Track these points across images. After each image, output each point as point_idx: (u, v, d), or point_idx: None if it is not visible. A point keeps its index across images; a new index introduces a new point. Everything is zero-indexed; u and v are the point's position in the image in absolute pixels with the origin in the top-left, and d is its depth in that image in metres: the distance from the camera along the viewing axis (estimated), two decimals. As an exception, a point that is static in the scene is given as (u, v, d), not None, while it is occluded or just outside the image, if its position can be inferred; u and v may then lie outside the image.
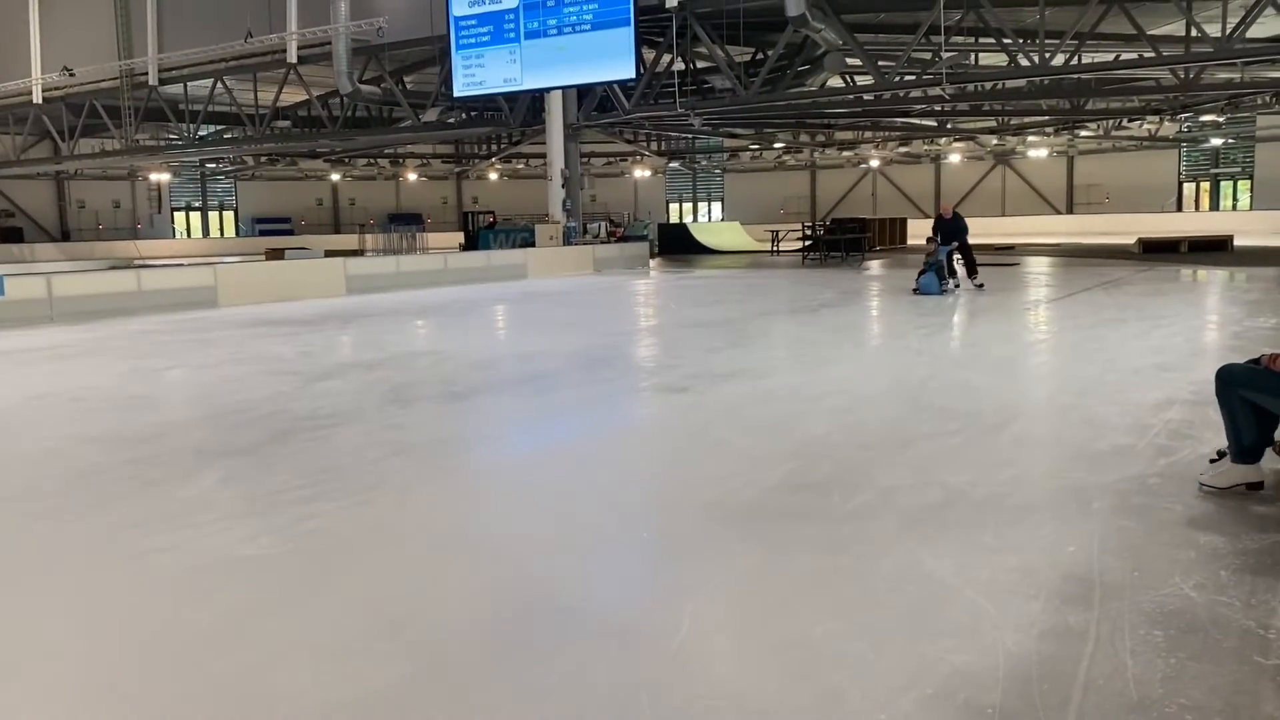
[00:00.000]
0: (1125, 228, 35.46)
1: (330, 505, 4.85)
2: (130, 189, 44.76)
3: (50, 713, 2.87)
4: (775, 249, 32.57)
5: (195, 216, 49.32)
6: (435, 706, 2.81)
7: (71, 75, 30.50)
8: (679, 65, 24.67)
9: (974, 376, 8.64)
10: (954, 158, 45.43)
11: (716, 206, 53.05)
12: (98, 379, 9.27)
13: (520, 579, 3.81)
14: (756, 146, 43.66)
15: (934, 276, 15.30)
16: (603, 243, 29.14)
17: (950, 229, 16.28)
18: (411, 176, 49.78)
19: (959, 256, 16.75)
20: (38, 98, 31.56)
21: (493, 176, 49.42)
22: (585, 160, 35.84)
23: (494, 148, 42.23)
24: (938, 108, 30.53)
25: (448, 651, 3.16)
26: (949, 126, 36.29)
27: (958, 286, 16.21)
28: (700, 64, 26.45)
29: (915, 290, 15.39)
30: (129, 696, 2.92)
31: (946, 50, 21.21)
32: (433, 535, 4.42)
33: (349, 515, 4.70)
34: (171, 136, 34.58)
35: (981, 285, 16.16)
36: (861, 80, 25.34)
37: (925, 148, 43.33)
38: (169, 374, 9.83)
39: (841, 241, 27.93)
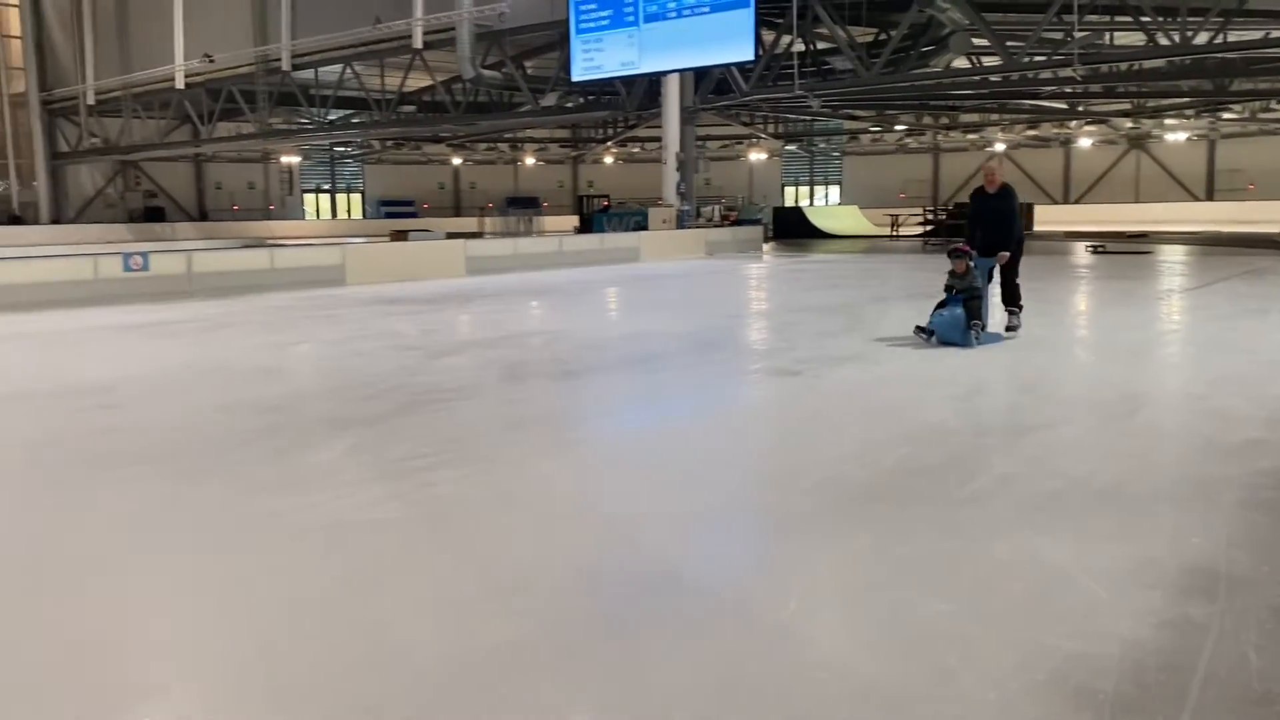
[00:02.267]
0: (1271, 216, 33.57)
1: (451, 473, 5.03)
2: (264, 171, 46.62)
3: (189, 662, 3.08)
4: (894, 233, 31.96)
5: (324, 198, 51.09)
6: (546, 667, 2.92)
7: (211, 61, 31.93)
8: (799, 46, 24.38)
9: (1099, 365, 8.36)
10: (1084, 142, 43.69)
11: (834, 190, 52.28)
12: (233, 351, 9.75)
13: (630, 550, 3.90)
14: (877, 129, 42.87)
15: (959, 313, 8.62)
16: (716, 226, 29.08)
17: (994, 218, 9.19)
18: (529, 160, 50.54)
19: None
20: (180, 83, 33.12)
21: (608, 160, 49.77)
22: (700, 143, 35.80)
23: (610, 131, 42.52)
24: (1069, 89, 29.42)
25: (559, 616, 3.27)
26: (1080, 109, 34.91)
27: (1009, 330, 9.36)
28: (820, 45, 26.08)
29: (920, 331, 8.86)
30: (263, 647, 3.11)
31: (1080, 29, 20.41)
32: (547, 505, 4.55)
33: (469, 483, 4.87)
34: (303, 120, 35.88)
35: (1015, 328, 9.37)
36: (988, 61, 24.63)
37: (1054, 131, 41.80)
38: (299, 348, 10.28)
39: (965, 226, 27.18)
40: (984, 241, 9.08)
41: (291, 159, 45.50)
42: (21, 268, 14.62)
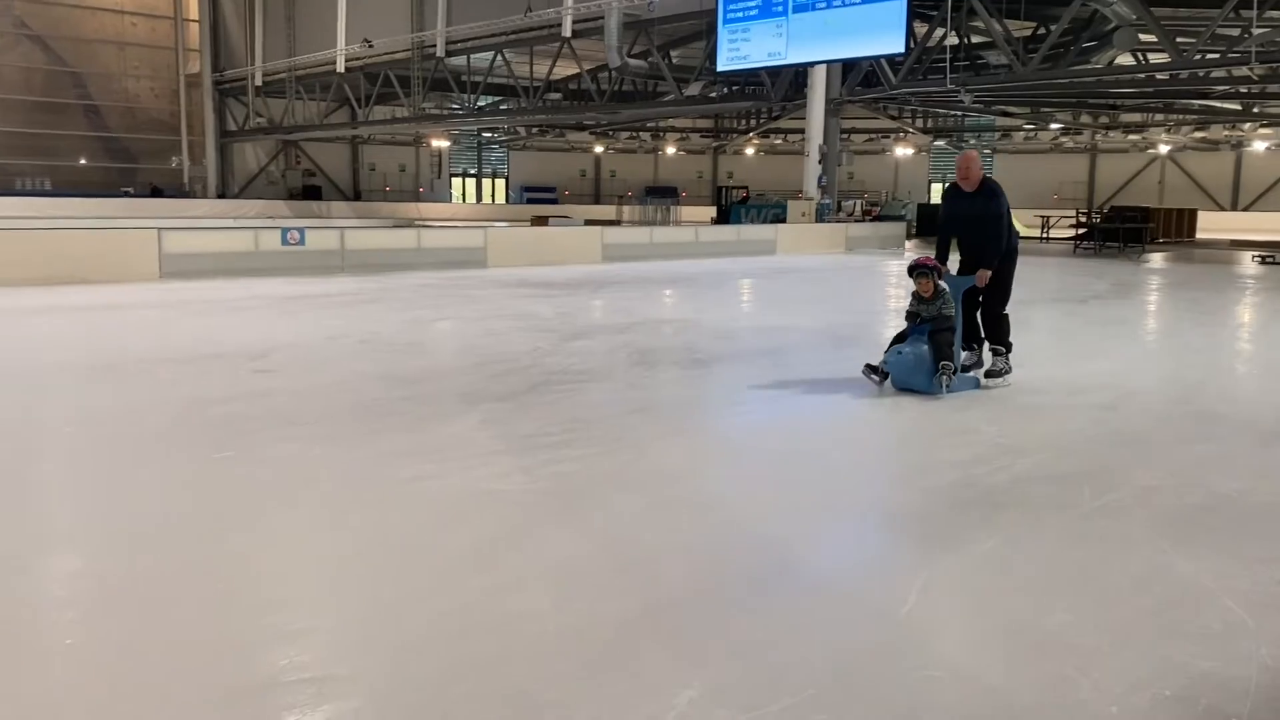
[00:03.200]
0: None
1: (577, 452, 5.14)
2: (415, 154, 48.21)
3: (322, 611, 3.26)
4: (1044, 235, 30.80)
5: (470, 183, 52.50)
6: (657, 643, 2.97)
7: (370, 46, 33.18)
8: (952, 39, 23.72)
9: (1261, 380, 7.90)
10: (1259, 145, 41.07)
11: (982, 189, 50.58)
12: (380, 324, 10.16)
13: (748, 537, 3.92)
14: (1031, 126, 41.32)
15: (923, 350, 6.66)
16: (856, 221, 28.61)
17: (973, 225, 6.86)
18: (670, 150, 50.73)
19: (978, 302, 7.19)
20: (340, 67, 34.52)
21: (749, 151, 49.51)
22: (845, 136, 35.22)
23: (753, 122, 42.28)
24: (1243, 89, 27.71)
25: (674, 595, 3.31)
26: (1255, 110, 32.85)
27: (977, 366, 7.12)
28: (975, 39, 25.30)
29: (870, 371, 6.84)
30: (390, 602, 3.26)
31: (1259, 25, 19.19)
32: (666, 488, 4.60)
33: (593, 462, 4.97)
34: (454, 106, 36.92)
35: (1000, 374, 7.04)
36: (1155, 58, 23.42)
37: (1225, 133, 39.45)
38: (441, 324, 10.64)
39: (1120, 231, 26.02)
40: (961, 255, 7.04)
41: (441, 143, 46.90)
42: (191, 238, 15.56)
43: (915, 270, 6.87)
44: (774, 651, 2.90)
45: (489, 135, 48.30)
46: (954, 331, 6.76)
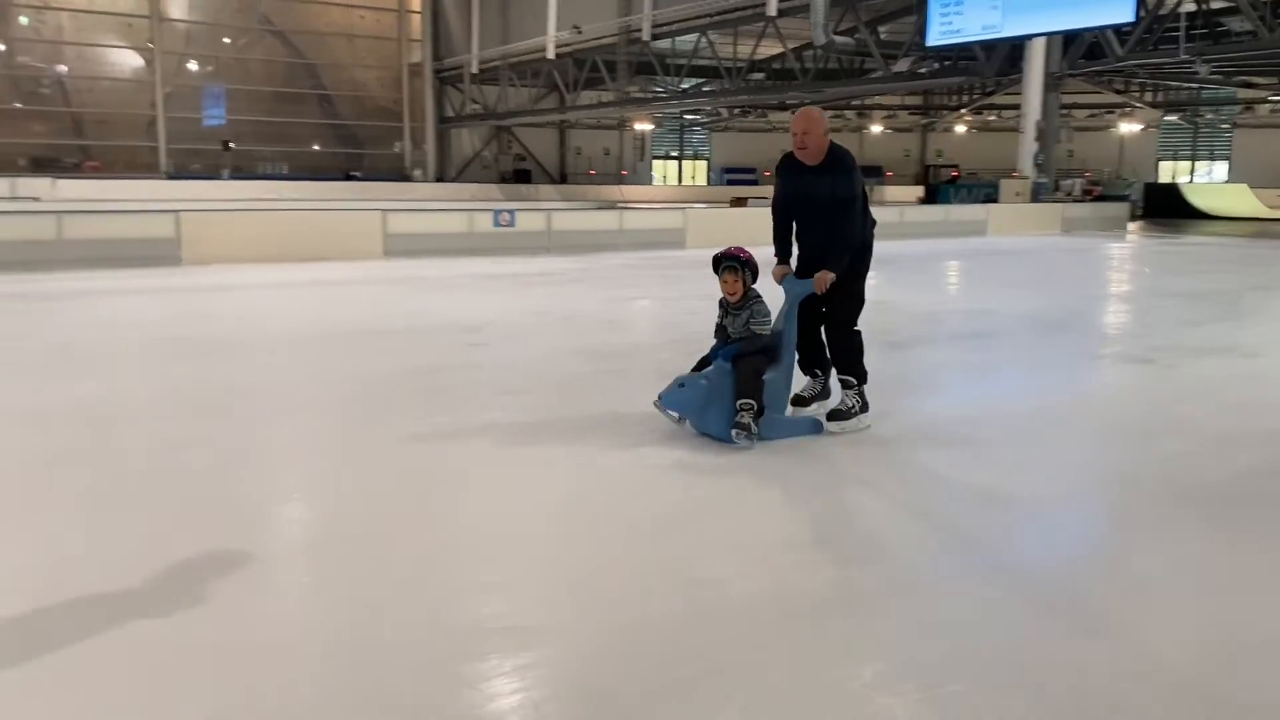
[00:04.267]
0: None
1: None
2: (619, 138, 49.13)
3: (519, 568, 3.47)
4: (1290, 218, 28.20)
5: (672, 165, 53.05)
6: (836, 616, 3.00)
7: (579, 32, 34.03)
8: (1188, 6, 22.01)
9: None
10: None
11: (1220, 166, 46.81)
12: (584, 302, 10.52)
13: (947, 529, 3.85)
14: (1278, 98, 37.76)
15: (712, 379, 4.85)
16: (1076, 201, 27.06)
17: (815, 210, 4.99)
18: (875, 129, 49.48)
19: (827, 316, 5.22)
20: (551, 54, 35.58)
21: (959, 129, 47.63)
22: (1064, 112, 33.33)
23: (964, 99, 40.65)
24: None
25: (862, 576, 3.32)
26: None
27: (821, 399, 5.42)
28: (1214, 3, 23.37)
29: (663, 407, 4.92)
30: (584, 565, 3.44)
31: None
32: (856, 468, 4.58)
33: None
34: (657, 89, 37.40)
35: (847, 415, 5.08)
36: None
37: None
38: (640, 303, 10.90)
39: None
40: (800, 251, 5.15)
41: (645, 126, 47.59)
42: (412, 220, 16.54)
43: (722, 261, 4.99)
44: (955, 630, 2.88)
45: (691, 117, 48.60)
46: (768, 355, 4.87)
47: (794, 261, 5.16)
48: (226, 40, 39.25)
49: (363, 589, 3.17)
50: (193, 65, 38.56)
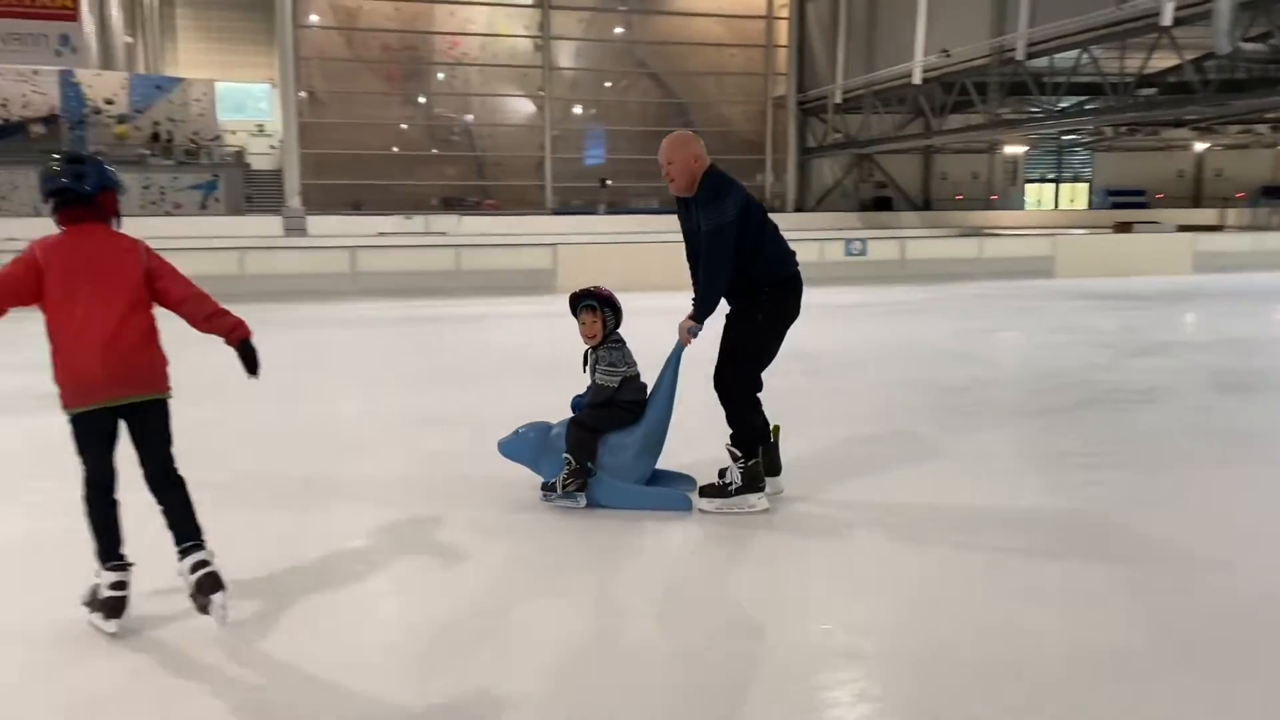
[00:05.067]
0: None
1: (1113, 475, 4.84)
2: (988, 162, 47.08)
3: (859, 596, 3.53)
4: None
5: (1048, 189, 49.97)
6: (1154, 676, 2.79)
7: (948, 56, 33.12)
8: None
9: None
10: None
11: None
12: (930, 333, 10.28)
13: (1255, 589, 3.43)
14: None
15: (551, 432, 4.47)
16: None
17: (695, 246, 4.45)
18: (1296, 143, 43.54)
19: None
20: (917, 79, 34.91)
21: None
22: None
23: None
24: None
25: (1183, 633, 3.06)
26: None
27: (708, 494, 4.37)
28: None
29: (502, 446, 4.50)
30: (912, 599, 3.44)
31: None
32: (1205, 524, 4.15)
33: (1126, 487, 4.65)
34: (1032, 109, 35.42)
35: (725, 494, 4.29)
36: None
37: None
38: (992, 335, 10.45)
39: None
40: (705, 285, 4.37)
41: (1017, 149, 45.25)
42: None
43: (576, 303, 4.55)
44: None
45: (1070, 137, 45.51)
46: (609, 410, 4.37)
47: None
48: (607, 84, 42.39)
49: (716, 611, 3.39)
50: (577, 109, 42.03)
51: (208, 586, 3.10)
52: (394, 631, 3.16)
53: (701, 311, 4.24)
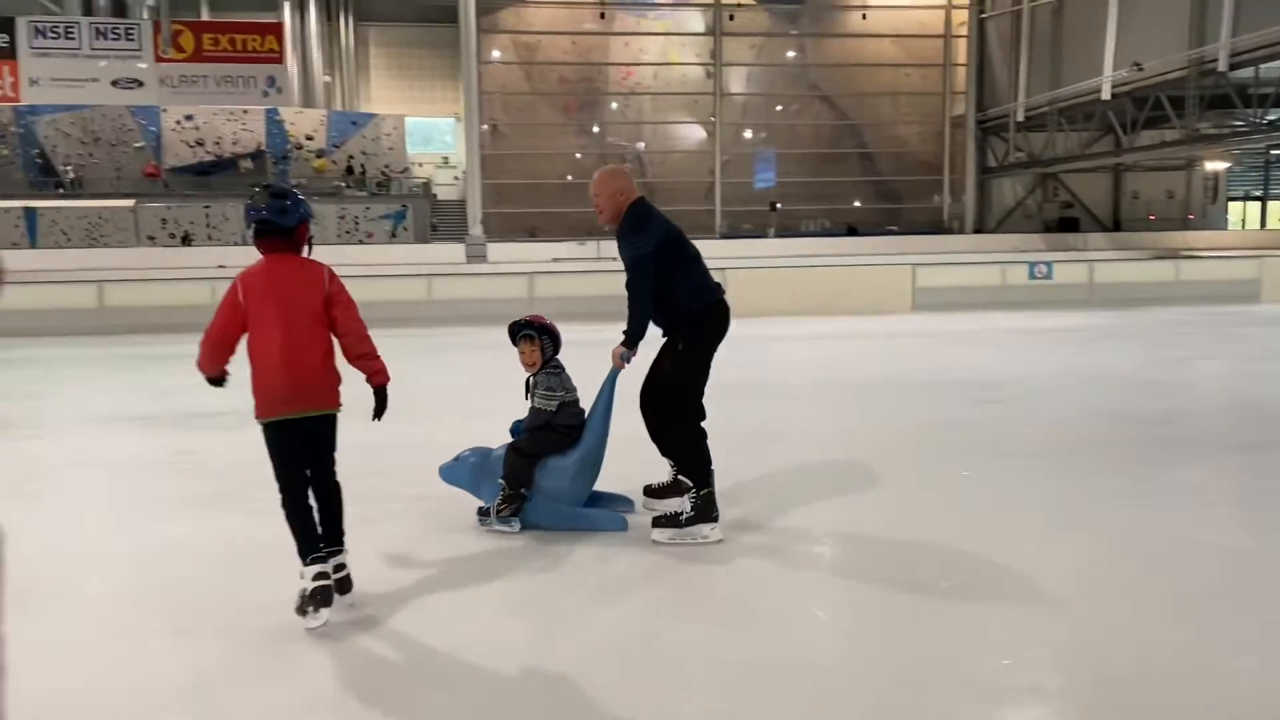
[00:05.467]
0: None
1: (1328, 516, 4.49)
2: (1185, 179, 44.36)
3: (1028, 630, 3.42)
4: None
5: (1253, 207, 46.64)
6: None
7: (1140, 70, 31.47)
8: None
9: None
10: None
11: None
12: (1120, 361, 9.76)
13: None
14: None
15: (489, 458, 4.54)
16: None
17: (625, 269, 4.43)
18: None
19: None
20: (1106, 94, 33.32)
21: None
22: None
23: None
24: None
25: None
26: None
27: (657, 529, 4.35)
28: None
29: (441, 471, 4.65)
30: (1089, 638, 3.30)
31: None
32: None
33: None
34: (1236, 123, 33.22)
35: (670, 522, 4.32)
36: None
37: None
38: (1188, 364, 9.84)
39: None
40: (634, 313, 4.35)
41: (1218, 165, 42.44)
42: (941, 274, 16.52)
43: (515, 332, 4.56)
44: None
45: (1279, 152, 42.36)
46: (547, 434, 4.42)
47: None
48: (778, 108, 42.31)
49: (891, 616, 3.36)
50: (747, 133, 42.12)
51: (345, 587, 3.51)
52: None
53: (631, 337, 4.29)
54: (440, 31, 36.26)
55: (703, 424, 4.39)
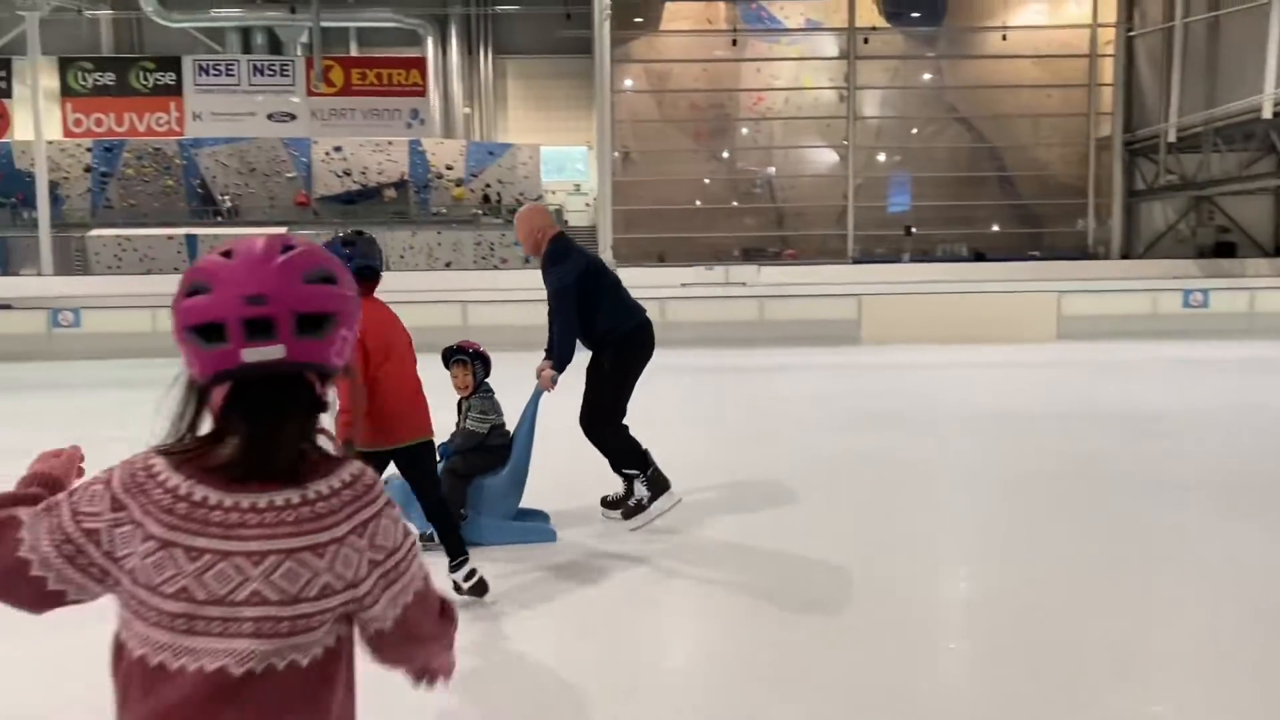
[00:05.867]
0: None
1: None
2: (1353, 201, 41.59)
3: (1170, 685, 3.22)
4: None
5: None
6: None
7: (1307, 87, 29.74)
8: None
9: None
10: None
11: None
12: (1275, 394, 9.21)
13: None
14: None
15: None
16: None
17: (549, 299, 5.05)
18: None
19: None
20: (1267, 112, 31.61)
21: None
22: None
23: None
24: None
25: None
26: None
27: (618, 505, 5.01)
28: None
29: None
30: (1228, 686, 3.09)
31: None
32: None
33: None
34: None
35: (626, 505, 4.90)
36: None
37: None
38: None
39: None
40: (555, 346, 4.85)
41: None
42: (1088, 301, 15.88)
43: (448, 357, 4.83)
44: None
45: None
46: (479, 455, 4.68)
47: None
48: (914, 131, 41.60)
49: (1023, 649, 3.25)
50: (881, 157, 41.52)
51: (482, 589, 3.82)
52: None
53: (558, 362, 4.70)
54: (575, 63, 37.06)
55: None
